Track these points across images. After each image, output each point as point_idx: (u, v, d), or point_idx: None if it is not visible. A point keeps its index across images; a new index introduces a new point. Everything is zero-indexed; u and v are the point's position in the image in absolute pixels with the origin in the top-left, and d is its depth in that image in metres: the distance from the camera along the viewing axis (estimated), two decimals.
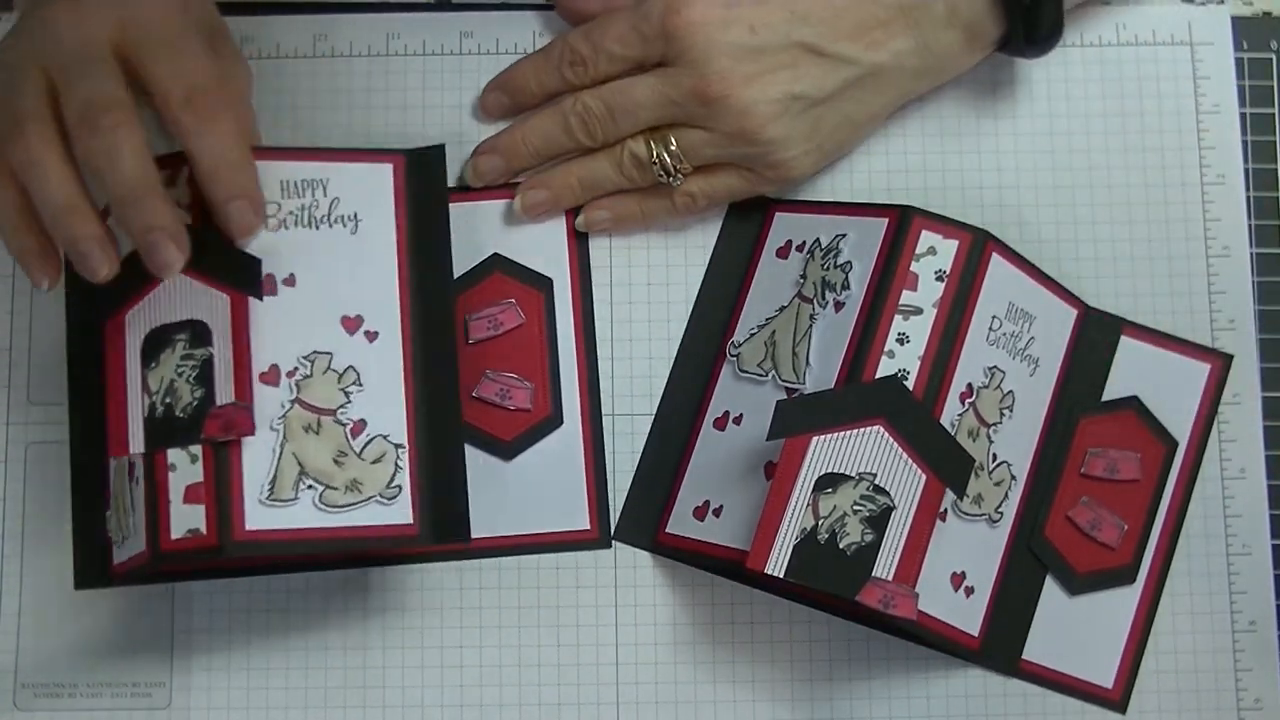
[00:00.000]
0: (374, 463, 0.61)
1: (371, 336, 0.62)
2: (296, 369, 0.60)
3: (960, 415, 0.63)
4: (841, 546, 0.60)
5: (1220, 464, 0.67)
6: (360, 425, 0.61)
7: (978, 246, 0.63)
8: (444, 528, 0.61)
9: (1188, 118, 0.69)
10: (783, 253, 0.67)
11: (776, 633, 0.66)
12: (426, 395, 0.62)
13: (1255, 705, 0.66)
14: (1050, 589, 0.66)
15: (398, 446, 0.61)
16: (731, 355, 0.66)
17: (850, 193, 0.68)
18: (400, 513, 0.61)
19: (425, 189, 0.64)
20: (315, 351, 0.61)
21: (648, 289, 0.68)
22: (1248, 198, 0.69)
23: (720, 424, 0.66)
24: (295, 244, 0.61)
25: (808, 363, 0.64)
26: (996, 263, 0.64)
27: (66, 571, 0.65)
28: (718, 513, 0.64)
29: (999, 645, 0.65)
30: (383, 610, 0.66)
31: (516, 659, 0.65)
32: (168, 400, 0.59)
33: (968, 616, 0.64)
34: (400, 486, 0.61)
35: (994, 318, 0.64)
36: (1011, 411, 0.65)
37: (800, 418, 0.61)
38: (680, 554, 0.65)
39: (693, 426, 0.66)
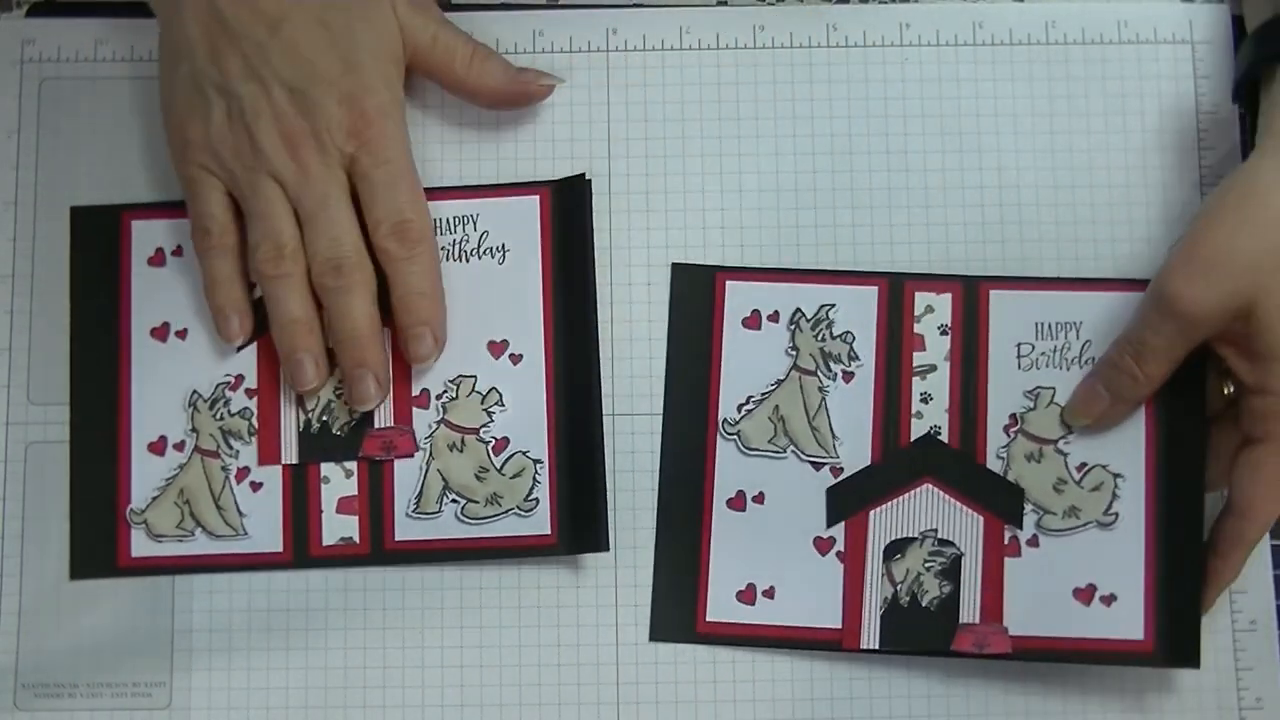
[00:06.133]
0: (513, 478, 0.65)
1: (516, 359, 0.65)
2: (444, 391, 0.65)
3: (1008, 445, 0.65)
4: (924, 604, 0.64)
5: None
6: (503, 443, 0.65)
7: (971, 293, 0.66)
8: (580, 538, 0.64)
9: (1188, 117, 0.69)
10: (750, 323, 0.66)
11: None
12: (567, 414, 0.65)
13: (1256, 705, 0.66)
14: None
15: (536, 462, 0.65)
16: (729, 434, 0.66)
17: (851, 192, 0.68)
18: (538, 524, 0.64)
19: (570, 217, 0.66)
20: (461, 375, 0.65)
21: (648, 288, 0.68)
22: None
23: (737, 504, 0.65)
24: (447, 277, 0.65)
25: (834, 435, 0.65)
26: (998, 298, 0.65)
27: (66, 571, 0.65)
28: (769, 594, 0.65)
29: (1174, 641, 0.64)
30: (383, 610, 0.66)
31: (516, 659, 0.65)
32: (324, 418, 0.65)
33: (1121, 624, 0.64)
34: (538, 500, 0.65)
35: (1019, 345, 0.65)
36: None
37: (853, 497, 0.65)
38: (729, 640, 0.65)
39: (701, 510, 0.66)
